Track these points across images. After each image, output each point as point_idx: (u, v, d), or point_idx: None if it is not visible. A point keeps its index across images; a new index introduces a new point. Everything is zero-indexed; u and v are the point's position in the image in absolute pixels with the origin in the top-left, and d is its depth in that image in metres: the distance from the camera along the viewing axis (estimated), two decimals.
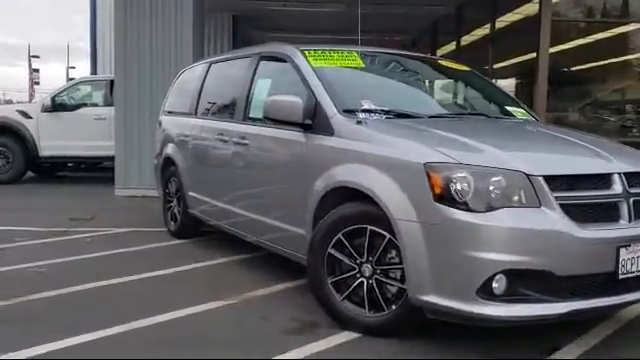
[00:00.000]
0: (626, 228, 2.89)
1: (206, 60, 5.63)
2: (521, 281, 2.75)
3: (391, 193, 2.99)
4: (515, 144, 3.29)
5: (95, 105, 10.18)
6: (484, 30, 11.54)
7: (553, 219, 2.75)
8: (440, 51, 13.84)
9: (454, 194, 2.79)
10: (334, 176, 3.35)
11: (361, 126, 3.33)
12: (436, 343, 3.14)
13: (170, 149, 5.74)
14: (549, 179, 2.81)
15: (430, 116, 3.65)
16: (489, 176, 2.79)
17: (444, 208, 2.79)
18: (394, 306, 3.12)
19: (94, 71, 14.21)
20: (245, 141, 4.26)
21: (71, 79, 15.19)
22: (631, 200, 2.95)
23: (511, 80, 11.70)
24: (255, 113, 4.31)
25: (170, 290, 4.06)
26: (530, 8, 9.41)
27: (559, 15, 9.22)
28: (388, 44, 13.02)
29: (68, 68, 35.09)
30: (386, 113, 3.55)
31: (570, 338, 3.21)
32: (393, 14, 12.10)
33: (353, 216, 3.20)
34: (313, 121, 3.60)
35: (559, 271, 2.73)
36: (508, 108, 4.13)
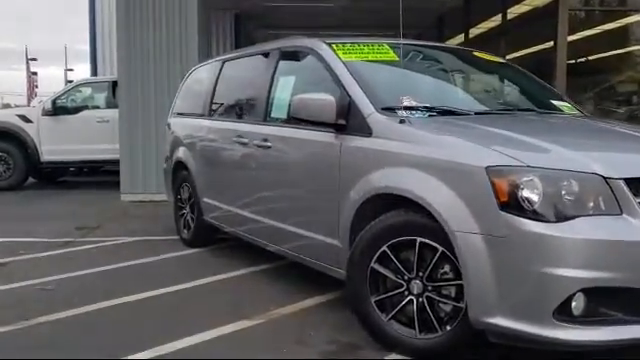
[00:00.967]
0: None
1: (218, 58, 5.24)
2: (602, 300, 2.38)
3: (446, 201, 2.61)
4: (582, 142, 2.91)
5: (97, 107, 9.79)
6: (492, 22, 11.18)
7: (638, 228, 2.38)
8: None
9: (522, 202, 2.41)
10: (374, 181, 2.98)
11: (405, 125, 2.95)
12: None
13: (181, 153, 5.35)
14: (631, 182, 2.43)
15: (477, 112, 3.27)
16: (561, 180, 2.42)
17: (512, 218, 2.41)
18: (448, 327, 2.74)
19: (94, 73, 13.80)
20: (267, 143, 3.87)
21: (69, 81, 14.76)
22: None
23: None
24: (277, 113, 3.93)
25: (190, 308, 3.67)
26: None
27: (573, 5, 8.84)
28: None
29: (66, 70, 34.61)
30: (429, 110, 3.17)
31: None
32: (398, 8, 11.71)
33: (400, 227, 2.82)
34: (347, 121, 3.23)
35: None
36: (554, 102, 3.75)
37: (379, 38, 3.92)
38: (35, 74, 31.39)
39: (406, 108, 3.12)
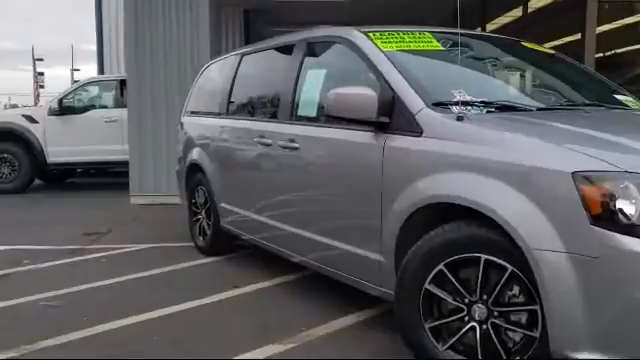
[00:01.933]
0: None
1: (235, 52, 4.81)
2: None
3: (522, 213, 2.18)
4: None
5: (105, 107, 9.38)
6: (509, 17, 10.72)
7: None
8: None
9: (619, 214, 1.98)
10: (427, 189, 2.55)
11: (464, 123, 2.51)
12: None
13: (196, 154, 4.93)
14: None
15: (539, 108, 2.84)
16: None
17: (606, 234, 1.98)
18: (518, 359, 2.32)
19: (101, 72, 13.40)
20: (295, 144, 3.45)
21: (76, 81, 14.37)
22: None
23: None
24: (305, 111, 3.51)
25: (212, 330, 3.25)
26: None
27: None
28: None
29: (72, 70, 34.20)
30: (485, 105, 2.74)
31: None
32: (413, 3, 11.27)
33: (460, 242, 2.39)
34: (390, 118, 2.80)
35: None
36: (617, 96, 3.32)
37: (419, 26, 3.49)
38: (42, 74, 31.02)
39: (460, 103, 2.69)
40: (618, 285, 1.97)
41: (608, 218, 1.99)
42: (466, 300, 2.41)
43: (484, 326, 2.37)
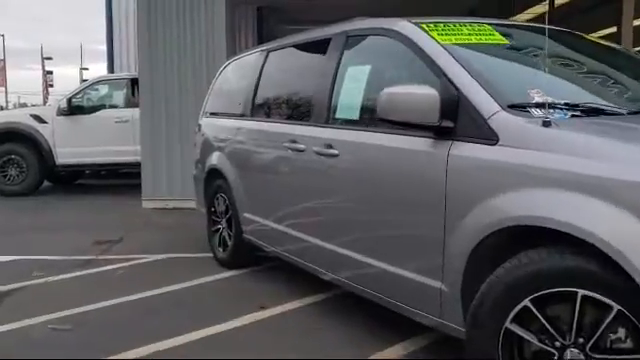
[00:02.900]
0: None
1: (259, 48, 4.38)
2: None
3: (634, 240, 1.75)
4: None
5: (115, 107, 8.98)
6: (533, 13, 10.25)
7: None
8: None
9: None
10: (507, 208, 2.11)
11: (552, 129, 2.08)
12: None
13: (216, 159, 4.51)
14: None
15: (631, 112, 2.39)
16: None
17: None
18: None
19: (111, 71, 13.02)
20: (333, 151, 3.02)
21: (85, 80, 13.98)
22: None
23: None
24: (345, 113, 3.08)
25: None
26: None
27: None
28: None
29: (81, 69, 33.83)
30: (570, 108, 2.30)
31: None
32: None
33: (552, 274, 1.96)
34: (455, 122, 2.37)
35: None
36: None
37: (472, 17, 3.05)
38: (50, 73, 30.69)
39: (540, 105, 2.26)
40: None
41: None
42: (557, 343, 1.97)
43: None
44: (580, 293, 1.90)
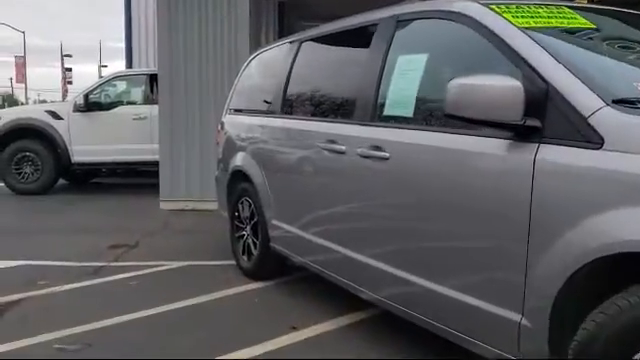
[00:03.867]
0: None
1: (290, 38, 3.95)
2: None
3: None
4: None
5: (133, 103, 8.61)
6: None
7: None
8: None
9: None
10: (617, 229, 1.66)
11: None
12: None
13: (241, 159, 4.10)
14: None
15: None
16: None
17: None
18: None
19: (130, 67, 12.68)
20: (382, 153, 2.59)
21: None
22: None
23: None
24: (397, 109, 2.64)
25: None
26: None
27: None
28: None
29: (100, 67, 33.71)
30: None
31: None
32: None
33: None
34: (543, 121, 1.93)
35: None
36: None
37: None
38: (69, 70, 30.58)
39: None
40: None
41: None
42: None
43: None
44: None
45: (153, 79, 8.07)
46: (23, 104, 28.19)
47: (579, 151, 1.81)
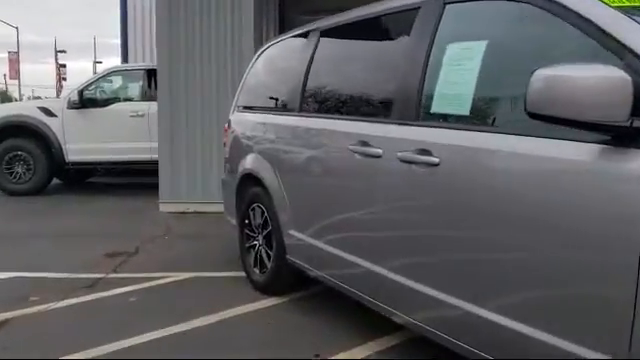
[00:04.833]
0: None
1: (306, 28, 3.50)
2: None
3: None
4: None
5: (130, 99, 8.15)
6: None
7: None
8: None
9: None
10: None
11: None
12: None
13: (252, 162, 3.68)
14: None
15: None
16: None
17: None
18: None
19: (125, 63, 12.20)
20: (431, 158, 2.17)
21: None
22: None
23: None
24: (449, 106, 2.22)
25: None
26: None
27: None
28: None
29: (95, 62, 33.07)
30: None
31: None
32: None
33: None
34: None
35: None
36: None
37: None
38: (64, 66, 29.96)
39: None
40: None
41: None
42: None
43: None
44: None
45: (151, 74, 7.62)
46: (17, 100, 27.58)
47: None
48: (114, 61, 20.73)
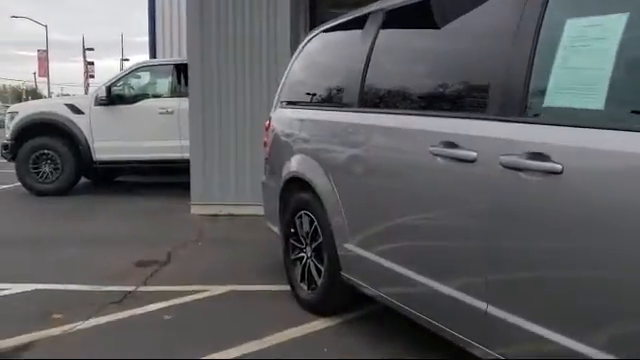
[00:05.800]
0: None
1: (366, 9, 3.01)
2: None
3: None
4: None
5: (159, 96, 7.76)
6: None
7: None
8: None
9: None
10: None
11: None
12: None
13: (299, 164, 3.22)
14: None
15: None
16: None
17: None
18: None
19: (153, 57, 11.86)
20: (551, 165, 1.69)
21: None
22: None
23: None
24: (572, 99, 1.73)
25: None
26: None
27: None
28: None
29: (122, 60, 32.98)
30: None
31: None
32: None
33: None
34: None
35: None
36: None
37: None
38: (92, 64, 29.93)
39: None
40: None
41: None
42: None
43: None
44: None
45: (181, 69, 7.23)
46: (46, 98, 27.62)
47: None
48: (142, 58, 20.57)
